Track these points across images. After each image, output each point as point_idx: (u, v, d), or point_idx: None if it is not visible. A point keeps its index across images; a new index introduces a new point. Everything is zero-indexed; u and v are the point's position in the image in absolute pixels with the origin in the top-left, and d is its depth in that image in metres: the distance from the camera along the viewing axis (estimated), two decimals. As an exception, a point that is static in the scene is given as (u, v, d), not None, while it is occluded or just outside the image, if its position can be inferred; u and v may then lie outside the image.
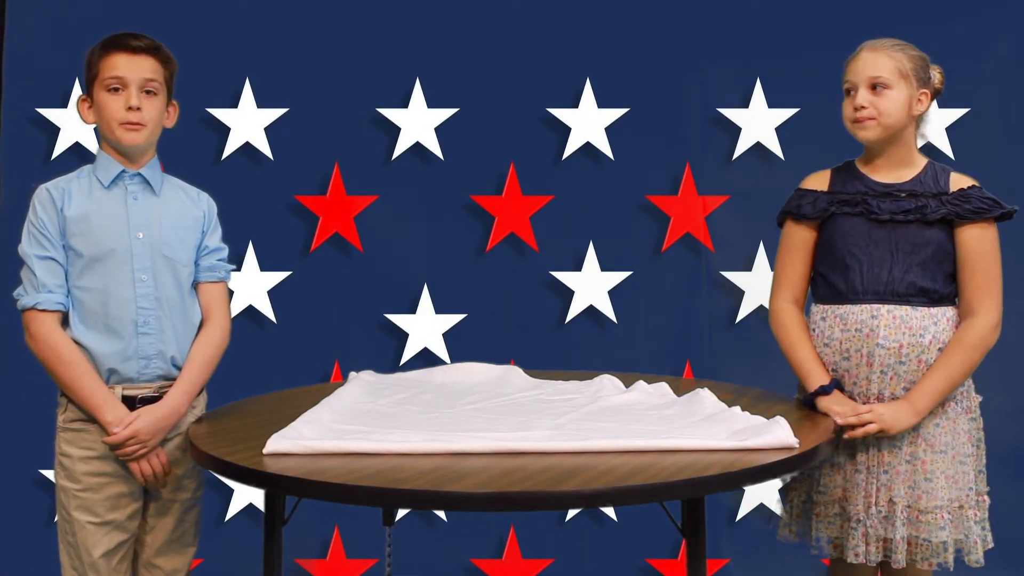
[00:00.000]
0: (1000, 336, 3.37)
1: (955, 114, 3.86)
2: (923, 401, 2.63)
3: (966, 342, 2.65)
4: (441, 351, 3.89)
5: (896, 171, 2.73)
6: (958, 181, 2.70)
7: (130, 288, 2.65)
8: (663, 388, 2.86)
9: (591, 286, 3.91)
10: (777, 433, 2.39)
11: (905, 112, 2.69)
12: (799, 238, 2.80)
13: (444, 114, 3.89)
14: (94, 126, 2.75)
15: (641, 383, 2.89)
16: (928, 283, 2.67)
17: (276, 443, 2.34)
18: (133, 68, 2.68)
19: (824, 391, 2.69)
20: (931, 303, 2.68)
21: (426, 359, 3.84)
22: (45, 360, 2.64)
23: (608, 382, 2.95)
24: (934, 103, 2.80)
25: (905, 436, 2.66)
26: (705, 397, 2.72)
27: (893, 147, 2.72)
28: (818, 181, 2.81)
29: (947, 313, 2.69)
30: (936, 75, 2.76)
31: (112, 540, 2.65)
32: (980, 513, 2.71)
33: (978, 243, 2.67)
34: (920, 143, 2.78)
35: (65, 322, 2.65)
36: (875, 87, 2.68)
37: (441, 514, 3.88)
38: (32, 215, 2.70)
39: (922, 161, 2.75)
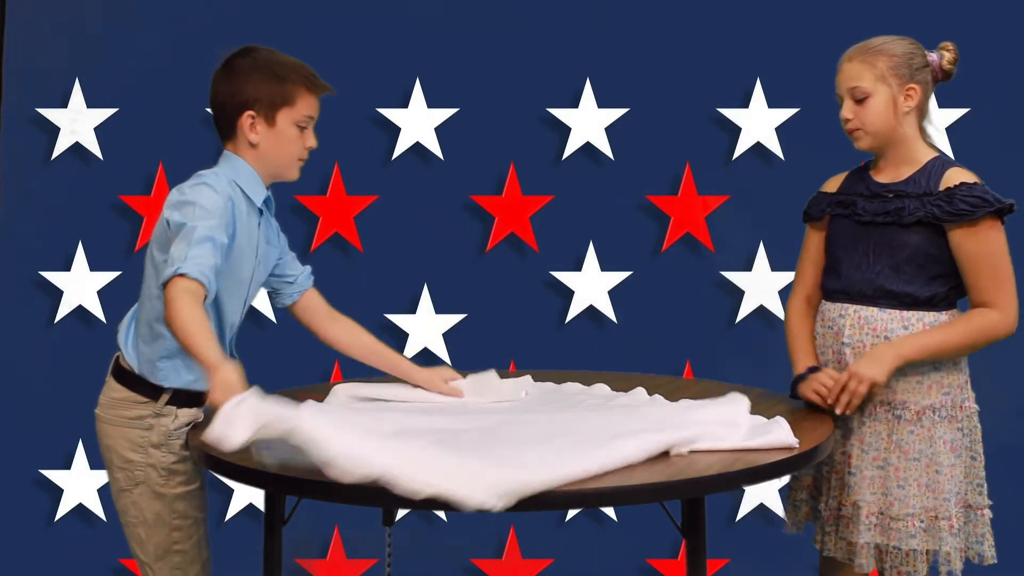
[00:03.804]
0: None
1: (955, 114, 3.86)
2: (908, 344, 2.61)
3: (975, 321, 2.62)
4: (441, 351, 3.89)
5: (897, 170, 2.71)
6: (951, 178, 2.63)
7: (237, 315, 2.63)
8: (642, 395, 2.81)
9: (591, 286, 3.91)
10: (777, 433, 2.39)
11: (889, 115, 2.66)
12: (810, 238, 2.85)
13: (444, 114, 3.89)
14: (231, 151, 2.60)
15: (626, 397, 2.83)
16: (900, 287, 2.65)
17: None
18: (318, 110, 2.62)
19: (800, 379, 2.72)
20: (904, 307, 2.65)
21: (426, 359, 3.84)
22: None
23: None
24: (933, 94, 2.76)
25: (879, 441, 2.65)
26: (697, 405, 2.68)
27: (892, 148, 2.70)
28: (833, 183, 2.84)
29: (924, 319, 2.64)
30: (935, 58, 2.70)
31: None
32: (979, 526, 2.68)
33: (971, 244, 2.61)
34: (932, 132, 2.74)
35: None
36: (856, 98, 2.67)
37: (441, 514, 3.88)
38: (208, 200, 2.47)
39: (927, 156, 2.69)
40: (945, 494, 2.62)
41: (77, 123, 3.87)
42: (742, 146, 3.89)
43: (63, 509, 3.90)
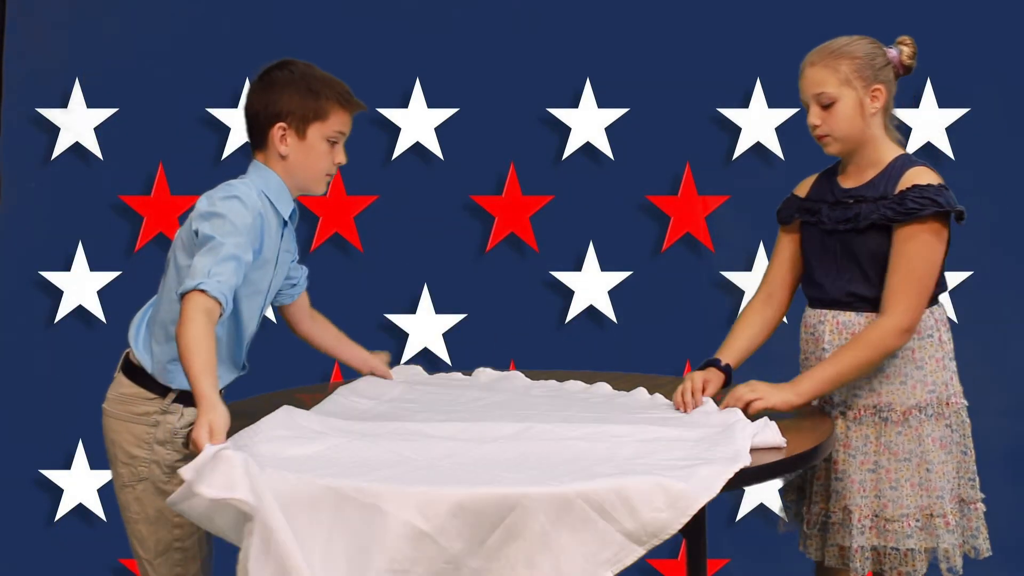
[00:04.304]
0: (997, 336, 3.37)
1: (955, 114, 3.86)
2: (804, 384, 2.62)
3: (863, 338, 2.61)
4: (441, 351, 3.89)
5: (862, 173, 2.69)
6: (908, 180, 2.61)
7: (254, 322, 2.68)
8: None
9: (591, 286, 3.91)
10: (765, 435, 2.39)
11: (857, 119, 2.64)
12: (780, 239, 2.86)
13: (444, 114, 3.89)
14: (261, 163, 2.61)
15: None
16: (871, 291, 2.64)
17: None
18: (350, 128, 2.65)
19: (700, 367, 2.78)
20: (878, 309, 2.64)
21: (426, 359, 3.84)
22: None
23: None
24: (933, 94, 2.76)
25: (867, 445, 2.65)
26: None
27: (859, 152, 2.68)
28: (804, 186, 2.84)
29: None
30: (894, 54, 2.68)
31: None
32: (974, 522, 2.68)
33: (902, 242, 2.59)
34: (897, 131, 2.72)
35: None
36: (823, 104, 2.65)
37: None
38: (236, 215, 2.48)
39: (891, 156, 2.67)
40: (938, 491, 2.62)
41: (77, 123, 3.87)
42: (742, 146, 3.89)
43: (63, 509, 3.90)
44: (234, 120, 3.87)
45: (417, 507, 2.06)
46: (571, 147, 3.90)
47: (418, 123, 3.89)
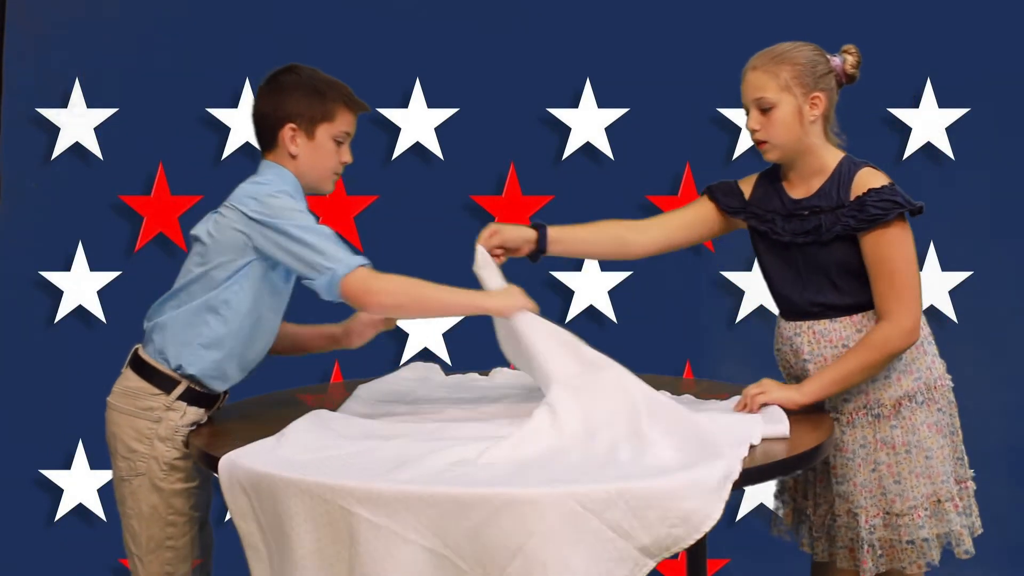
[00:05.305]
0: (997, 336, 3.35)
1: (955, 114, 3.86)
2: (809, 386, 2.60)
3: (867, 341, 2.60)
4: (441, 351, 3.89)
5: (807, 182, 2.68)
6: (860, 185, 2.60)
7: (278, 323, 2.73)
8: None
9: (591, 286, 3.91)
10: (774, 427, 2.40)
11: (795, 125, 2.62)
12: (699, 206, 2.87)
13: (444, 114, 3.89)
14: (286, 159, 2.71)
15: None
16: (843, 299, 2.64)
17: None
18: (355, 128, 2.76)
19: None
20: (854, 312, 2.64)
21: (426, 359, 3.84)
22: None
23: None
24: (933, 93, 2.75)
25: (865, 446, 2.65)
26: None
27: (800, 159, 2.67)
28: (746, 183, 2.82)
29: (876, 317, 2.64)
30: (838, 62, 2.66)
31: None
32: (964, 502, 2.69)
33: (875, 248, 2.58)
34: (839, 137, 2.70)
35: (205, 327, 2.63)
36: (762, 108, 2.63)
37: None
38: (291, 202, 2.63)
39: (834, 160, 2.65)
40: (942, 476, 2.63)
41: (77, 123, 3.87)
42: (742, 146, 3.89)
43: (63, 509, 3.90)
44: (234, 120, 3.87)
45: (433, 530, 2.07)
46: (571, 147, 3.90)
47: (418, 123, 3.89)
